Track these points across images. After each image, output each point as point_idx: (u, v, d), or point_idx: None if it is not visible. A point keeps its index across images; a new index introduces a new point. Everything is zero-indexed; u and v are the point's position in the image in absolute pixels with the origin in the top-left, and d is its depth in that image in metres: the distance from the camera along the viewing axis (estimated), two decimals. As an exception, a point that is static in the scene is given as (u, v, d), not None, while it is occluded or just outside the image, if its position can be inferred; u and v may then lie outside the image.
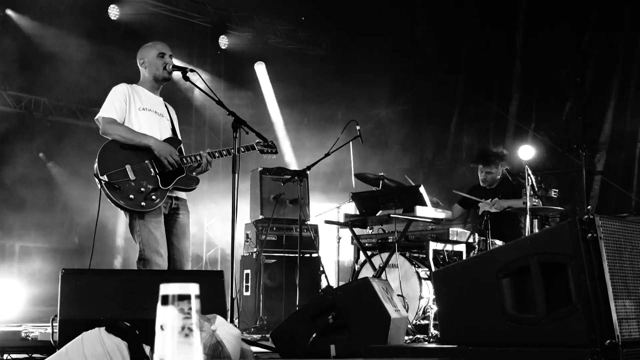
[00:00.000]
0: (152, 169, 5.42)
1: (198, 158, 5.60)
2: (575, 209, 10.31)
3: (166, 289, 2.08)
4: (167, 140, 5.61)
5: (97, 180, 5.28)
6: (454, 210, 8.21)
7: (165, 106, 5.85)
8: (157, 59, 5.71)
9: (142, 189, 5.32)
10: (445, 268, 4.08)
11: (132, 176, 5.32)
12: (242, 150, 5.68)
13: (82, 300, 4.55)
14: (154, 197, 5.36)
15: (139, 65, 5.81)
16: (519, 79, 11.43)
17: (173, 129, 5.79)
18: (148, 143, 5.42)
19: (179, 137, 5.85)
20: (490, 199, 7.73)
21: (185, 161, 5.56)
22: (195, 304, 2.09)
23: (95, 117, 5.58)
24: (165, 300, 2.07)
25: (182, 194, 5.69)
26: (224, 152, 5.72)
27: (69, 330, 4.16)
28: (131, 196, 5.27)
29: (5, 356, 5.05)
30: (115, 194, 5.24)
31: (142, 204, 5.30)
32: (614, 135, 10.32)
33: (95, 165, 5.32)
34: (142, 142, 5.43)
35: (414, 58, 12.30)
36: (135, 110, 5.57)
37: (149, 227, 5.33)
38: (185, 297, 2.07)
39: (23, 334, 5.62)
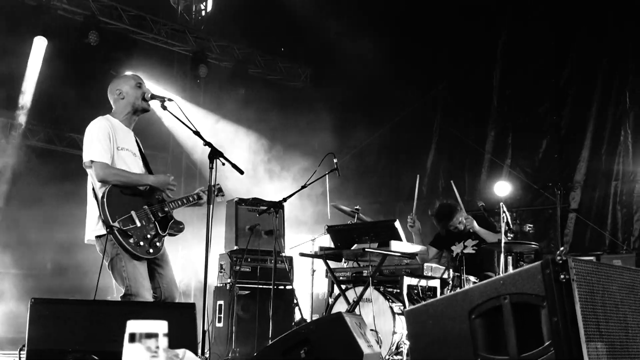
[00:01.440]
0: (152, 216, 5.40)
1: (180, 203, 5.62)
2: (550, 246, 10.36)
3: (133, 326, 2.05)
4: (150, 187, 5.59)
5: (105, 226, 5.18)
6: (430, 251, 8.20)
7: (136, 141, 5.76)
8: (135, 89, 5.62)
9: (148, 235, 5.33)
10: (418, 307, 4.06)
11: (138, 223, 5.28)
12: (216, 163, 5.56)
13: (51, 330, 4.49)
14: (158, 243, 5.39)
15: (112, 97, 5.66)
16: (496, 115, 11.52)
17: (145, 164, 5.74)
18: (148, 182, 5.46)
19: (151, 169, 5.80)
20: (462, 242, 7.70)
21: (173, 205, 5.58)
22: (163, 342, 2.06)
23: (84, 161, 5.43)
24: (133, 337, 2.04)
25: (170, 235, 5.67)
26: (190, 197, 5.72)
27: (37, 361, 4.10)
28: (141, 243, 5.26)
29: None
30: (128, 240, 5.19)
31: (150, 250, 5.31)
32: (589, 174, 10.41)
33: (104, 211, 5.20)
34: (142, 181, 5.46)
35: (391, 91, 12.33)
36: (116, 150, 5.46)
37: (134, 263, 5.27)
38: (152, 335, 2.05)
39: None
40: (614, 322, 3.58)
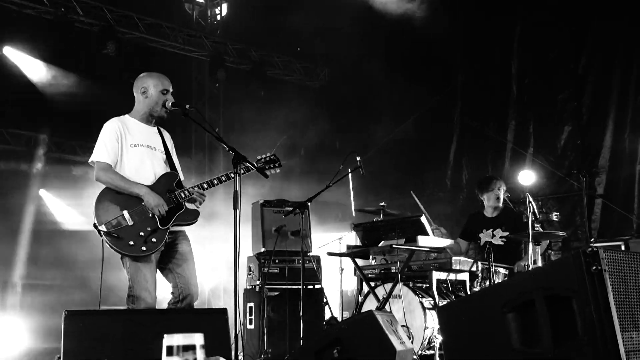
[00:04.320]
0: (149, 211, 5.37)
1: (196, 189, 5.54)
2: (577, 233, 10.29)
3: (171, 339, 2.07)
4: (163, 177, 5.55)
5: (96, 230, 5.26)
6: (461, 244, 8.18)
7: (160, 133, 5.75)
8: (160, 94, 5.60)
9: (141, 233, 5.29)
10: (450, 303, 4.07)
11: (130, 222, 5.28)
12: (242, 172, 5.52)
13: (85, 341, 4.53)
14: (154, 239, 5.33)
15: (137, 92, 5.68)
16: (516, 104, 11.46)
17: (169, 159, 5.74)
18: (140, 193, 5.37)
19: (177, 165, 5.79)
20: (491, 230, 7.70)
21: (183, 195, 5.53)
22: (200, 354, 2.08)
23: (90, 160, 5.52)
24: (170, 351, 2.06)
25: (179, 227, 5.63)
26: (223, 177, 5.65)
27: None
28: (131, 242, 5.24)
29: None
30: (116, 242, 5.23)
31: (143, 248, 5.27)
32: (613, 158, 10.32)
33: (93, 214, 5.31)
34: (134, 191, 5.37)
35: (410, 87, 12.31)
36: (127, 148, 5.51)
37: (137, 264, 5.30)
38: (190, 348, 2.07)
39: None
40: (648, 310, 3.56)
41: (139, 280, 5.29)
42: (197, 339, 2.09)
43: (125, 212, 5.30)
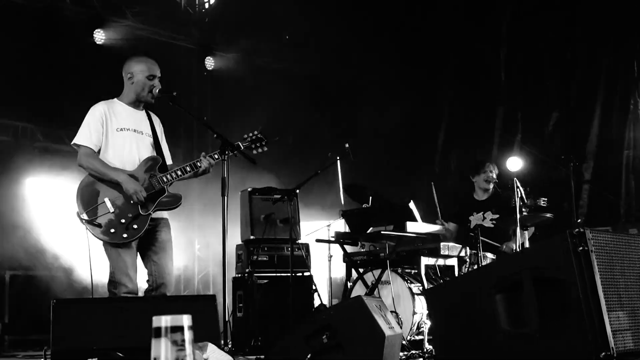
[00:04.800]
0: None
1: (179, 173, 5.55)
2: (565, 220, 10.34)
3: (159, 321, 2.06)
4: (146, 161, 5.56)
5: (78, 218, 5.29)
6: (451, 227, 8.20)
7: (149, 118, 5.76)
8: (145, 79, 5.61)
9: (122, 220, 5.32)
10: (438, 285, 4.08)
11: (111, 209, 5.32)
12: (228, 154, 5.54)
13: (74, 330, 4.53)
14: (135, 226, 5.36)
15: (124, 77, 5.69)
16: (504, 91, 11.48)
17: (156, 143, 5.73)
18: (119, 179, 5.38)
19: (164, 150, 5.79)
20: (483, 212, 7.73)
21: (165, 179, 5.53)
22: (188, 335, 2.07)
23: (72, 142, 5.54)
24: (158, 332, 2.06)
25: (158, 214, 5.62)
26: (215, 155, 5.63)
27: (62, 361, 4.13)
28: (112, 230, 5.28)
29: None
30: (97, 230, 5.27)
31: (124, 235, 5.31)
32: (601, 144, 10.36)
33: (76, 202, 5.34)
34: (113, 178, 5.38)
35: (399, 74, 12.30)
36: (112, 132, 5.53)
37: (118, 250, 5.34)
38: (178, 329, 2.06)
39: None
40: (635, 291, 3.58)
41: (119, 266, 5.34)
42: (185, 320, 2.08)
43: (106, 200, 5.33)
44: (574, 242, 3.38)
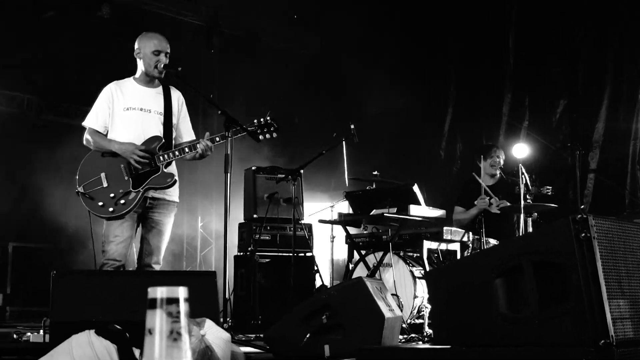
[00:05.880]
0: (125, 174, 5.52)
1: (176, 154, 5.60)
2: (570, 208, 10.29)
3: (154, 292, 2.05)
4: (147, 141, 5.60)
5: (76, 191, 5.52)
6: (458, 211, 8.11)
7: (166, 94, 5.79)
8: (151, 54, 5.67)
9: (112, 195, 5.47)
10: (439, 268, 4.07)
11: (105, 183, 5.49)
12: (230, 135, 5.56)
13: (74, 302, 4.52)
14: (122, 201, 5.48)
15: (135, 54, 5.78)
16: (512, 77, 11.42)
17: (166, 122, 5.73)
18: (112, 148, 5.55)
19: (179, 128, 5.86)
20: (489, 198, 7.68)
21: (161, 159, 5.57)
22: (183, 307, 2.06)
23: (82, 123, 5.75)
24: (154, 303, 2.05)
25: (161, 194, 5.68)
26: (217, 138, 5.64)
27: (61, 332, 4.13)
28: (100, 203, 5.44)
29: (-4, 358, 5.03)
30: (88, 203, 5.49)
31: (110, 209, 5.45)
32: (608, 133, 10.30)
33: (76, 177, 5.56)
34: (108, 148, 5.56)
35: (406, 57, 12.24)
36: (119, 112, 5.65)
37: (109, 222, 5.52)
38: (173, 301, 2.05)
39: (15, 336, 5.61)
40: (636, 280, 3.56)
41: (107, 235, 5.52)
42: (181, 292, 2.07)
43: (102, 174, 5.50)
44: (577, 227, 3.35)
